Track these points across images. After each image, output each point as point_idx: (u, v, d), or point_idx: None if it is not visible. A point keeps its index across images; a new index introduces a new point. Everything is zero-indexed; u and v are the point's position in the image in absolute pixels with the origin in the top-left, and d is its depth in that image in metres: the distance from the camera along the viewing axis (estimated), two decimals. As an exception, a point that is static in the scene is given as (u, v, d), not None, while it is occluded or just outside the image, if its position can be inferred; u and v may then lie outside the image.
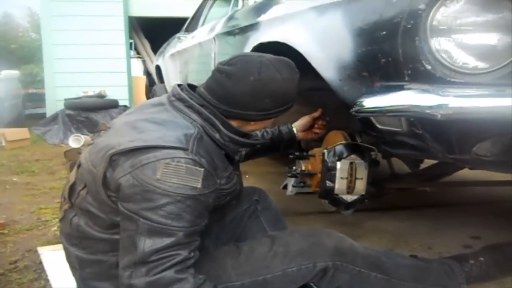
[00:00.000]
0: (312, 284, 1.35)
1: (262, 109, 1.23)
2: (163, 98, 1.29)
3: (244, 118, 1.26)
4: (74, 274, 1.30)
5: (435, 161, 2.02)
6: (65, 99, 6.02)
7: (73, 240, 1.26)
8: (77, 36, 6.12)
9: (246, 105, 1.22)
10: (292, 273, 1.26)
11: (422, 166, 2.18)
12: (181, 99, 1.23)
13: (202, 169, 1.08)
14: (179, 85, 1.29)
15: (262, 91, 1.21)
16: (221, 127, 1.21)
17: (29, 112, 8.65)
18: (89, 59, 6.18)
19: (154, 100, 1.33)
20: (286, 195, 2.57)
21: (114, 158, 1.10)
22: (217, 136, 1.21)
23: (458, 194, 2.88)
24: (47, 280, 1.72)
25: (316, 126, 1.74)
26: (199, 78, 3.23)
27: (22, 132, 5.54)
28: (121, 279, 1.06)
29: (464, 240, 2.05)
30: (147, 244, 1.03)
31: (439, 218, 2.41)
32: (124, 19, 6.40)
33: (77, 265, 1.26)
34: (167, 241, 1.04)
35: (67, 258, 1.31)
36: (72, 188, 1.26)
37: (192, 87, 1.30)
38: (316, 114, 1.73)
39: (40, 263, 1.88)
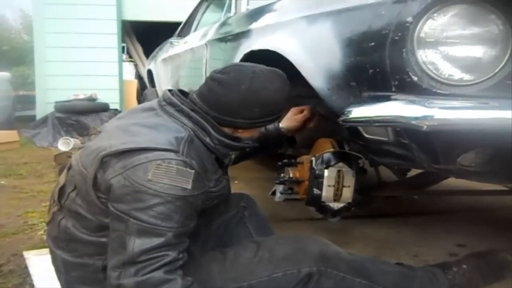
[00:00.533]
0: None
1: (250, 117, 1.26)
2: (153, 103, 1.30)
3: (233, 125, 1.28)
4: (59, 278, 1.30)
5: (421, 170, 2.05)
6: (56, 102, 5.99)
7: (60, 243, 1.26)
8: (69, 39, 6.10)
9: (236, 113, 1.25)
10: (277, 279, 1.27)
11: (409, 174, 2.20)
12: (171, 104, 1.25)
13: (193, 171, 1.10)
14: (169, 91, 1.30)
15: (252, 100, 1.23)
16: (211, 130, 1.22)
17: (19, 114, 8.57)
18: (81, 62, 6.16)
19: (144, 105, 1.34)
20: (274, 201, 2.58)
21: (106, 160, 1.12)
22: (207, 139, 1.23)
23: (444, 203, 2.90)
24: (32, 285, 1.71)
25: (309, 123, 1.74)
26: (191, 83, 3.24)
27: (11, 135, 5.49)
28: (110, 279, 1.07)
29: (450, 248, 2.06)
30: (136, 244, 1.04)
31: (426, 226, 2.42)
32: (117, 23, 6.40)
33: (62, 269, 1.26)
34: (156, 241, 1.05)
35: (53, 261, 1.30)
36: (62, 190, 1.27)
37: (183, 92, 1.32)
38: (304, 117, 1.72)
39: (26, 267, 1.86)
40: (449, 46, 1.06)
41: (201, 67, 2.85)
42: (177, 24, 4.88)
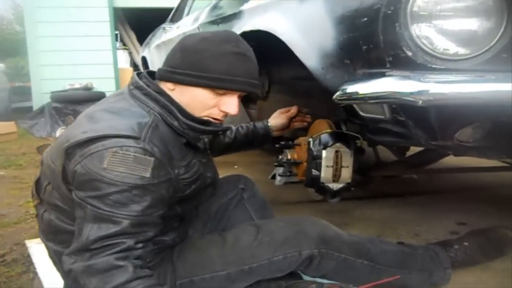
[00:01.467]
0: (299, 271, 1.37)
1: (171, 65, 1.18)
2: (125, 87, 1.26)
3: (162, 77, 1.21)
4: (58, 269, 1.30)
5: (421, 149, 2.04)
6: (52, 92, 5.95)
7: (49, 235, 1.25)
8: (61, 28, 6.05)
9: (166, 60, 1.21)
10: (277, 262, 1.27)
11: (408, 154, 2.19)
12: (138, 87, 1.20)
13: (152, 159, 1.05)
14: (138, 73, 1.26)
15: (177, 45, 1.20)
16: (179, 114, 1.17)
17: (16, 106, 8.58)
18: (75, 51, 6.12)
19: (120, 90, 1.30)
20: (274, 185, 2.57)
21: (69, 151, 1.08)
22: (176, 124, 1.18)
23: (444, 181, 2.90)
24: (35, 273, 1.72)
25: (295, 122, 1.74)
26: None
27: (9, 126, 5.48)
28: (63, 265, 1.05)
29: (451, 227, 2.06)
30: (92, 231, 1.01)
31: (426, 205, 2.42)
32: (109, 10, 6.34)
33: (57, 260, 1.24)
34: (112, 229, 1.01)
35: (48, 253, 1.30)
36: (38, 184, 1.25)
37: (151, 74, 1.26)
38: (292, 114, 1.72)
39: (28, 256, 1.87)
40: (443, 19, 1.03)
41: (195, 52, 2.81)
42: (169, 9, 4.83)
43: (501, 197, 2.56)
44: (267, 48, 1.51)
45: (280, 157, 1.82)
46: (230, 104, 1.19)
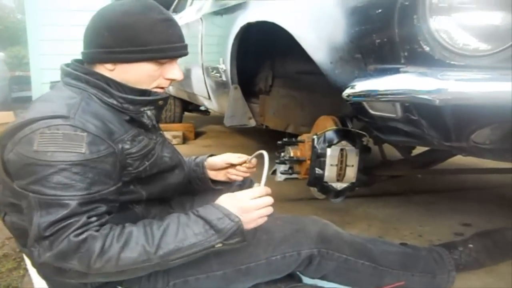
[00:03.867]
0: (298, 273, 1.33)
1: (103, 45, 1.13)
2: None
3: (94, 59, 1.17)
4: (39, 274, 1.23)
5: (427, 148, 1.99)
6: (51, 82, 5.87)
7: (21, 240, 1.18)
8: (63, 17, 5.97)
9: (90, 42, 1.16)
10: (276, 262, 1.22)
11: (414, 152, 2.14)
12: (67, 74, 1.17)
13: (85, 134, 1.01)
14: (66, 64, 1.22)
15: (98, 24, 1.14)
16: (113, 91, 1.13)
17: (16, 96, 8.53)
18: (76, 40, 5.96)
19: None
20: (275, 181, 2.53)
21: (3, 143, 1.06)
22: (113, 101, 1.14)
23: (449, 181, 2.87)
24: (26, 269, 1.66)
25: (232, 172, 1.53)
26: (187, 60, 3.15)
27: (7, 116, 5.45)
28: (34, 259, 1.00)
29: (455, 228, 2.02)
30: (42, 218, 0.96)
31: (430, 205, 2.38)
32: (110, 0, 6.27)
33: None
34: (61, 212, 0.96)
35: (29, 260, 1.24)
36: None
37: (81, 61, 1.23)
38: (232, 160, 1.52)
39: (20, 251, 1.81)
40: (464, 12, 0.97)
41: (197, 43, 2.76)
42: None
43: (507, 197, 2.52)
44: (272, 40, 1.45)
45: (282, 154, 1.77)
46: (174, 70, 1.19)
